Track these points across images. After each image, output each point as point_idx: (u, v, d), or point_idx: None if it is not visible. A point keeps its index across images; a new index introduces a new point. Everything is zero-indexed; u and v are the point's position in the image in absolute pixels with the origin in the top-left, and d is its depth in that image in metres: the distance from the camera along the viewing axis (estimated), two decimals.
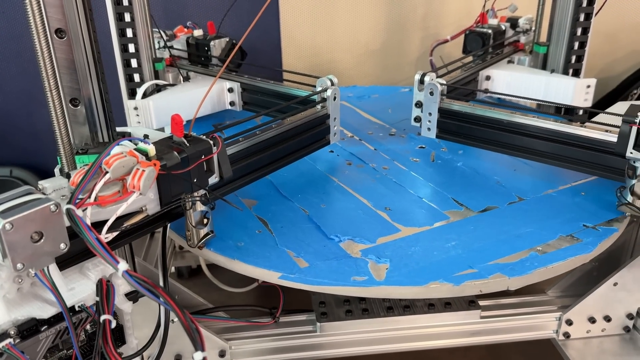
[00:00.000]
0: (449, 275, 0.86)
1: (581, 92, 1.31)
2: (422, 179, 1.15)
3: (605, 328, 1.11)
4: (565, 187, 1.09)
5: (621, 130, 0.90)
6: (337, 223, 1.00)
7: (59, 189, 0.69)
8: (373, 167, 1.20)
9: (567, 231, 0.95)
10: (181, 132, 0.78)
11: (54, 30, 0.77)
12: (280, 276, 0.87)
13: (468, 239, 0.95)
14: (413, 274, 0.87)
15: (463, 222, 1.00)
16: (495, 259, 0.89)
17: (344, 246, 0.94)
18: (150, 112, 1.21)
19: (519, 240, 0.94)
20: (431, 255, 0.91)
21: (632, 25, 1.98)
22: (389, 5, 1.92)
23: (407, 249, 0.93)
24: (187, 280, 1.59)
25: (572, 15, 1.35)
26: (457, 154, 1.25)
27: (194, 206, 0.83)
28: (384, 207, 1.05)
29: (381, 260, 0.90)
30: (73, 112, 0.84)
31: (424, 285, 0.85)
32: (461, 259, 0.90)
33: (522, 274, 0.86)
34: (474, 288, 0.85)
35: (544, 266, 0.88)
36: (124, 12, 1.22)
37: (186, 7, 1.81)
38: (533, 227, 0.97)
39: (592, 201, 1.04)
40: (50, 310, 0.65)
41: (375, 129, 1.42)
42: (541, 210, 1.02)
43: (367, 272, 0.87)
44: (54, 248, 0.63)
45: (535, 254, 0.90)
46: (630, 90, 1.81)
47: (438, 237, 0.96)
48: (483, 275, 0.86)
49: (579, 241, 0.93)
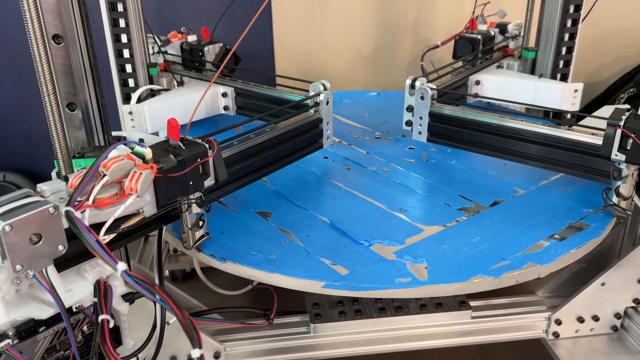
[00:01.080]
0: (486, 269, 0.89)
1: (569, 97, 1.33)
2: (424, 178, 1.18)
3: (594, 327, 1.13)
4: (556, 177, 1.15)
5: (606, 133, 0.92)
6: (360, 228, 1.00)
7: (57, 192, 0.70)
8: (373, 171, 1.22)
9: (575, 218, 1.00)
10: (177, 136, 0.79)
11: (51, 36, 0.78)
12: (323, 285, 0.87)
13: (489, 232, 0.98)
14: (453, 271, 0.89)
15: (479, 217, 1.03)
16: (522, 250, 0.93)
17: (375, 250, 0.94)
18: (144, 117, 1.22)
19: (536, 230, 0.98)
20: (462, 252, 0.93)
21: (618, 31, 2.01)
22: (381, 11, 1.94)
23: (437, 247, 0.94)
24: (181, 284, 1.60)
25: (560, 21, 1.37)
26: (447, 153, 1.28)
27: (190, 208, 0.84)
28: (399, 208, 1.06)
29: (418, 261, 0.91)
30: (69, 116, 0.86)
31: (467, 281, 0.87)
32: (491, 253, 0.92)
33: (550, 261, 0.90)
34: (512, 279, 0.88)
35: (567, 252, 0.92)
36: (118, 18, 1.23)
37: (180, 12, 1.82)
38: (543, 216, 1.02)
39: (587, 190, 1.08)
40: (49, 311, 0.66)
41: (360, 133, 1.43)
42: (544, 200, 1.07)
43: (409, 273, 0.88)
44: (53, 250, 0.64)
45: (555, 242, 0.94)
46: (617, 95, 1.84)
47: (461, 233, 0.98)
48: (517, 266, 0.89)
49: (588, 226, 0.98)
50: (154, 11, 1.78)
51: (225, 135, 0.97)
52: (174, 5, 1.81)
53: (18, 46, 1.79)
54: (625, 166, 0.92)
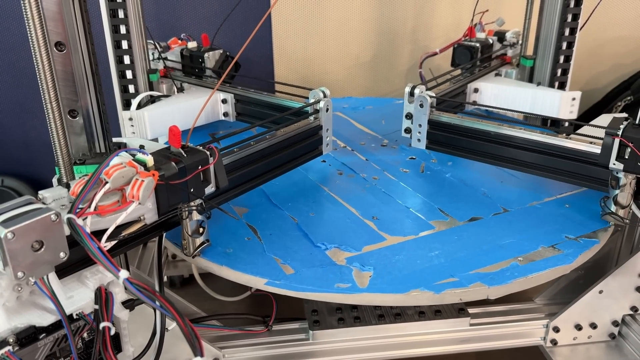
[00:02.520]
0: (430, 283, 0.88)
1: (567, 105, 1.34)
2: (411, 189, 1.18)
3: (592, 335, 1.13)
4: (550, 199, 1.11)
5: (604, 142, 0.93)
6: (324, 231, 1.02)
7: (58, 199, 0.70)
8: (363, 177, 1.22)
9: (549, 242, 0.98)
10: (179, 143, 0.79)
11: (53, 43, 0.79)
12: (266, 282, 0.89)
13: (452, 248, 0.97)
14: (395, 282, 0.89)
15: (448, 232, 1.02)
16: (477, 269, 0.91)
17: (329, 254, 0.96)
18: (145, 123, 1.22)
19: (501, 251, 0.96)
20: (414, 264, 0.93)
21: (615, 39, 2.03)
22: (379, 18, 1.95)
23: (392, 257, 0.95)
24: (179, 290, 1.60)
25: (558, 30, 1.38)
26: (447, 166, 1.27)
27: (190, 215, 0.84)
28: (372, 216, 1.07)
29: (365, 268, 0.92)
30: (71, 123, 0.86)
31: (405, 293, 0.87)
32: (443, 268, 0.92)
33: (502, 283, 0.88)
34: (454, 296, 0.87)
35: (524, 276, 0.89)
36: (119, 25, 1.23)
37: (179, 19, 1.83)
38: (516, 237, 0.99)
39: (576, 213, 1.06)
40: (50, 318, 0.66)
41: (368, 139, 1.44)
42: (525, 221, 1.04)
43: (351, 280, 0.89)
44: (54, 257, 0.65)
45: (516, 264, 0.92)
46: (615, 103, 1.85)
47: (422, 246, 0.98)
48: (463, 284, 0.88)
49: (560, 252, 0.95)
50: (154, 17, 1.78)
51: (229, 141, 0.98)
52: (173, 12, 1.82)
53: (17, 51, 1.79)
54: (623, 175, 0.92)
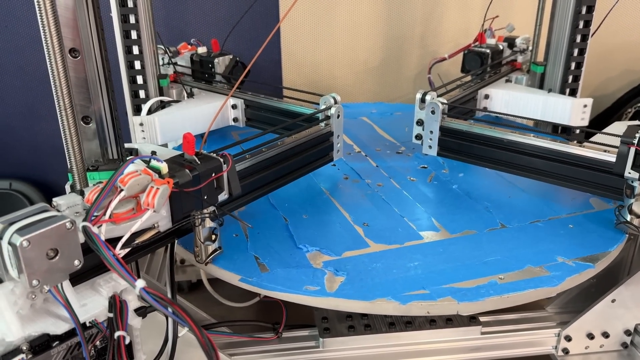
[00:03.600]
0: (399, 293, 0.86)
1: (578, 112, 1.34)
2: (412, 198, 1.16)
3: (604, 344, 1.12)
4: (555, 218, 1.08)
5: (619, 150, 0.92)
6: (311, 234, 1.02)
7: (72, 206, 0.70)
8: (368, 183, 1.22)
9: (539, 262, 0.94)
10: (193, 150, 0.79)
11: (68, 50, 0.79)
12: (240, 279, 0.90)
13: (433, 260, 0.95)
14: (364, 289, 0.88)
15: (434, 244, 1.00)
16: (452, 283, 0.89)
17: (309, 256, 0.96)
18: (155, 128, 1.22)
19: (483, 267, 0.93)
20: (389, 273, 0.92)
21: (625, 45, 2.02)
22: (388, 23, 1.95)
23: (369, 264, 0.94)
24: (187, 295, 1.59)
25: (569, 36, 1.38)
26: (457, 177, 1.25)
27: (203, 222, 0.84)
28: (363, 222, 1.06)
29: (339, 273, 0.91)
30: (84, 129, 0.86)
31: (371, 301, 0.86)
32: (417, 279, 0.90)
33: (474, 300, 0.86)
34: (421, 309, 0.85)
35: (499, 295, 0.86)
36: (130, 30, 1.23)
37: (188, 23, 1.83)
38: (504, 255, 0.96)
39: (578, 235, 1.02)
40: (64, 326, 0.66)
41: (385, 146, 1.44)
42: (519, 239, 1.01)
43: (322, 283, 0.89)
44: (69, 265, 0.64)
45: (495, 282, 0.89)
46: (625, 109, 1.84)
47: (403, 256, 0.96)
48: (433, 297, 0.86)
49: (547, 274, 0.91)
50: (163, 22, 1.78)
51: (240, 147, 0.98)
52: (182, 17, 1.82)
53: (26, 54, 1.80)
54: (639, 184, 0.92)
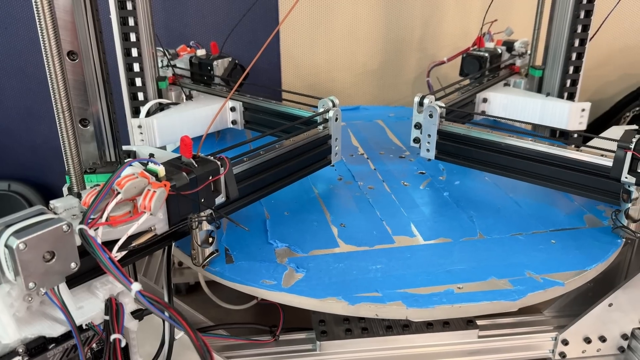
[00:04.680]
0: (351, 294, 0.87)
1: (576, 116, 1.34)
2: (397, 202, 1.16)
3: (601, 348, 1.12)
4: (539, 232, 1.05)
5: (616, 155, 0.92)
6: (286, 230, 1.04)
7: (69, 209, 0.70)
8: (359, 185, 1.22)
9: (505, 275, 0.91)
10: (190, 153, 0.79)
11: (66, 52, 0.79)
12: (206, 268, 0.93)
13: (396, 265, 0.95)
14: (318, 287, 0.89)
15: (403, 249, 0.99)
16: (407, 288, 0.88)
17: (277, 252, 0.98)
18: (153, 131, 1.22)
19: (445, 275, 0.92)
20: (349, 274, 0.92)
21: (623, 49, 2.02)
22: (387, 26, 1.95)
23: (332, 264, 0.95)
24: (185, 297, 1.59)
25: (568, 41, 1.38)
26: (452, 184, 1.23)
27: (200, 225, 0.84)
28: (340, 223, 1.07)
29: (299, 270, 0.93)
30: (82, 132, 0.86)
31: (321, 299, 0.87)
32: (374, 282, 0.90)
33: (424, 306, 0.85)
34: (370, 311, 0.86)
35: (451, 304, 0.85)
36: (129, 32, 1.24)
37: (187, 26, 1.83)
38: (471, 265, 0.95)
39: (558, 251, 0.99)
40: (60, 328, 0.66)
41: (391, 150, 1.43)
42: (493, 251, 0.99)
43: (279, 278, 0.91)
44: (65, 267, 0.64)
45: (451, 291, 0.88)
46: (623, 113, 1.84)
47: (368, 258, 0.97)
48: (383, 300, 0.86)
49: (509, 287, 0.89)
50: (162, 24, 1.79)
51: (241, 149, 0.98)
52: (181, 19, 1.82)
53: (25, 56, 1.80)
54: (635, 188, 0.92)
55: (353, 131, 1.57)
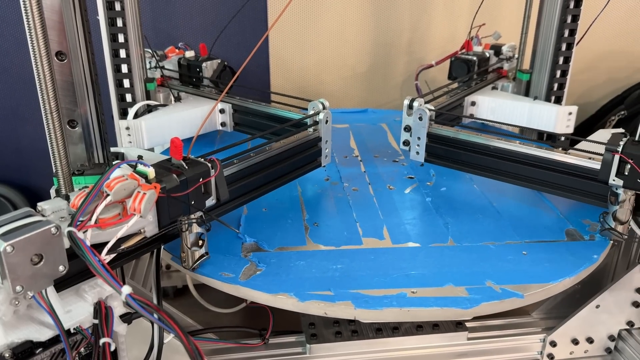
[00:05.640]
0: (304, 291, 0.87)
1: (563, 119, 1.35)
2: (377, 205, 1.15)
3: (588, 349, 1.13)
4: (512, 242, 1.01)
5: (604, 158, 0.93)
6: (258, 226, 1.04)
7: (58, 211, 0.69)
8: (344, 187, 1.22)
9: (464, 283, 0.90)
10: (180, 155, 0.78)
11: (54, 53, 0.78)
12: (171, 257, 0.93)
13: (357, 266, 0.94)
14: (274, 283, 0.89)
15: (369, 251, 0.99)
16: (361, 289, 0.88)
17: (244, 246, 0.98)
18: (142, 133, 1.21)
19: (403, 279, 0.91)
20: (307, 272, 0.92)
21: (609, 53, 2.05)
22: (376, 29, 1.96)
23: (294, 261, 0.95)
24: (173, 300, 1.58)
25: (555, 45, 1.39)
26: (438, 190, 1.21)
27: (190, 228, 0.83)
28: (314, 222, 1.07)
29: (260, 265, 0.93)
30: (70, 133, 0.85)
31: (273, 294, 0.87)
32: (330, 281, 0.90)
33: (373, 308, 0.84)
34: (319, 309, 0.85)
35: (400, 307, 0.84)
36: (117, 33, 1.23)
37: (176, 27, 1.82)
38: (432, 270, 0.93)
39: (526, 263, 0.95)
40: (47, 332, 0.65)
41: (387, 153, 1.42)
42: (459, 258, 0.97)
43: (238, 272, 0.91)
44: (53, 270, 0.64)
45: (404, 294, 0.87)
46: (608, 117, 1.86)
47: (332, 257, 0.96)
48: (333, 299, 0.86)
49: (464, 295, 0.87)
50: (151, 25, 1.77)
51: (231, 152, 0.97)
52: (170, 20, 1.81)
53: (10, 56, 1.77)
54: (623, 191, 0.93)
55: (354, 133, 1.57)
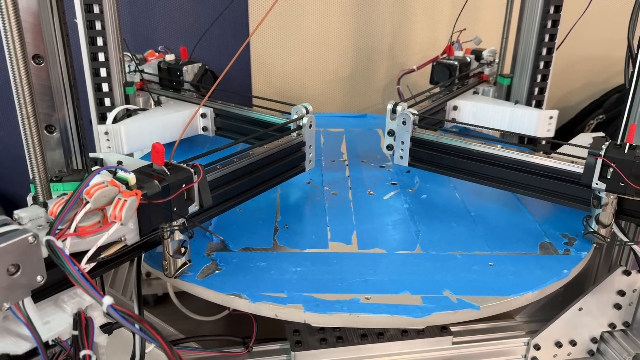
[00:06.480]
0: (257, 292, 0.87)
1: (544, 123, 1.36)
2: (352, 210, 1.14)
3: (571, 352, 1.14)
4: (480, 253, 0.99)
5: (587, 162, 0.93)
6: (229, 226, 1.04)
7: (35, 219, 0.67)
8: (324, 190, 1.22)
9: (420, 291, 0.88)
10: (162, 161, 0.77)
11: (31, 56, 0.76)
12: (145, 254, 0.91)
13: (317, 270, 0.93)
14: (229, 283, 0.89)
15: (332, 255, 0.98)
16: (314, 292, 0.87)
17: (210, 245, 0.99)
18: (121, 137, 1.19)
19: (360, 284, 0.90)
20: (266, 273, 0.92)
21: (587, 58, 2.08)
22: (357, 34, 1.96)
23: (255, 262, 0.95)
24: (153, 309, 1.55)
25: (535, 49, 1.41)
26: (418, 198, 1.20)
27: (172, 235, 0.82)
28: (285, 224, 1.07)
29: (220, 265, 0.93)
30: (47, 139, 0.83)
31: (226, 294, 0.87)
32: (286, 284, 0.89)
33: (321, 312, 0.84)
34: (269, 310, 0.85)
35: (349, 313, 0.84)
36: (96, 36, 1.20)
37: (156, 31, 1.80)
38: (391, 277, 0.92)
39: (489, 274, 0.93)
40: (25, 345, 0.63)
41: (376, 159, 1.41)
42: (422, 266, 0.95)
43: (197, 270, 0.91)
44: (31, 281, 0.61)
45: (357, 300, 0.86)
46: (587, 121, 1.88)
47: (293, 260, 0.96)
48: (284, 301, 0.85)
49: (418, 304, 0.86)
50: (130, 29, 1.75)
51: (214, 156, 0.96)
52: (149, 24, 1.79)
53: None
54: (605, 194, 0.93)
55: (347, 138, 1.57)
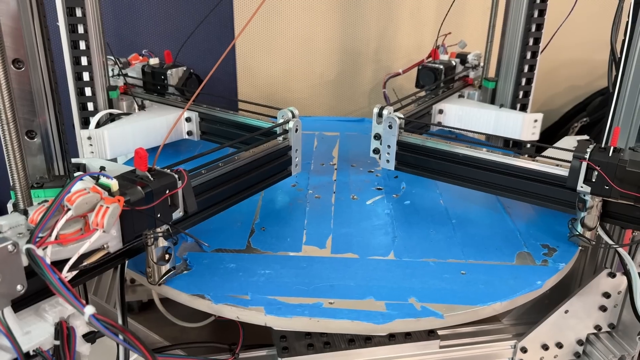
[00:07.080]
0: (221, 294, 0.87)
1: (529, 126, 1.37)
2: (332, 214, 1.14)
3: (558, 354, 1.14)
4: (454, 261, 0.99)
5: (572, 165, 0.94)
6: (205, 228, 1.02)
7: (15, 227, 0.65)
8: (307, 194, 1.22)
9: (386, 297, 0.88)
10: (145, 166, 0.75)
11: (11, 60, 0.74)
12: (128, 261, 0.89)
13: (286, 273, 0.93)
14: (195, 284, 0.89)
15: (304, 259, 0.97)
16: (278, 296, 0.87)
17: (184, 245, 0.99)
18: (104, 142, 1.17)
19: (326, 289, 0.90)
20: (234, 275, 0.92)
21: (570, 62, 2.10)
22: (343, 38, 1.96)
23: (225, 264, 0.95)
24: (137, 315, 1.53)
25: (520, 54, 1.42)
26: (401, 204, 1.19)
27: (156, 242, 0.80)
28: (262, 226, 1.07)
29: (190, 266, 0.93)
30: (28, 144, 0.81)
31: (190, 294, 0.87)
32: (252, 286, 0.89)
33: (282, 316, 0.84)
34: (231, 312, 0.86)
35: (310, 317, 0.84)
36: (79, 40, 1.19)
37: (140, 34, 1.78)
38: (359, 283, 0.92)
39: (459, 283, 0.93)
40: (5, 356, 0.62)
41: (366, 163, 1.39)
42: (392, 272, 0.95)
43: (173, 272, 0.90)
44: (11, 290, 0.60)
45: (320, 304, 0.86)
46: (571, 124, 1.90)
47: (263, 263, 0.96)
48: (247, 303, 0.85)
49: (381, 310, 0.85)
50: (113, 32, 1.73)
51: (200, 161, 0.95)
52: (133, 27, 1.77)
53: None
54: (590, 197, 0.94)
55: (342, 141, 1.56)
